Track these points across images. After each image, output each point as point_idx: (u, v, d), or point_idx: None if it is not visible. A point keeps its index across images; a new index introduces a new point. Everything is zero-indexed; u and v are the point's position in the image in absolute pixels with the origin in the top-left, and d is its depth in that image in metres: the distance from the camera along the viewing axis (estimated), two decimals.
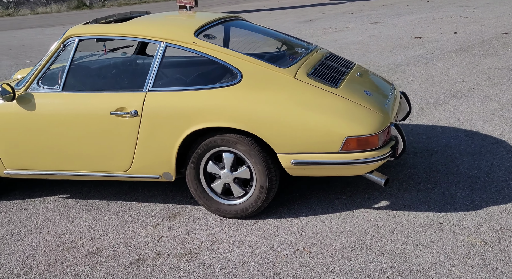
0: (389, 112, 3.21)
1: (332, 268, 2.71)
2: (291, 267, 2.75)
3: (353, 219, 3.19)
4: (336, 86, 3.19)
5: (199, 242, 3.09)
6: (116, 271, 2.87)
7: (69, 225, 3.49)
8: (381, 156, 3.00)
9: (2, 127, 3.57)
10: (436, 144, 4.24)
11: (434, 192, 3.42)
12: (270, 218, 3.30)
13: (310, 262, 2.78)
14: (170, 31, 3.32)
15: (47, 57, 3.49)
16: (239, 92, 3.12)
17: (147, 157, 3.30)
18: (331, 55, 3.78)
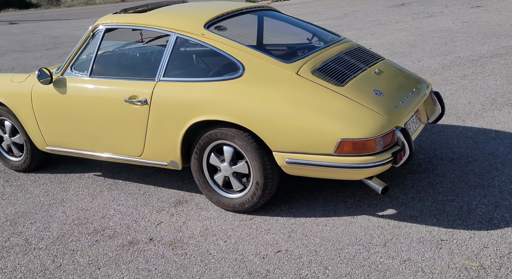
0: (399, 115, 2.97)
1: (305, 274, 2.62)
2: (265, 268, 2.70)
3: (349, 225, 3.03)
4: (341, 85, 3.02)
5: (192, 232, 3.15)
6: (108, 251, 3.03)
7: (90, 201, 3.73)
8: (379, 162, 2.81)
9: (43, 107, 3.88)
10: (480, 151, 3.85)
11: (452, 205, 3.13)
12: (268, 215, 3.25)
13: (286, 266, 2.70)
14: (180, 23, 3.35)
15: (79, 44, 3.71)
16: (239, 86, 3.08)
17: (156, 144, 3.41)
18: (355, 49, 3.57)
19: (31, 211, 3.66)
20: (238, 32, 3.75)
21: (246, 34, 3.89)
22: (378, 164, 2.81)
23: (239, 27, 3.79)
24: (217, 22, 3.41)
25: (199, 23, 3.29)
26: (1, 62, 10.36)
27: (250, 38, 4.05)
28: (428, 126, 4.51)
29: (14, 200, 3.88)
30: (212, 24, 3.36)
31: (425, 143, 4.15)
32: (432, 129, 4.44)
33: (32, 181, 4.23)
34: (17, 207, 3.75)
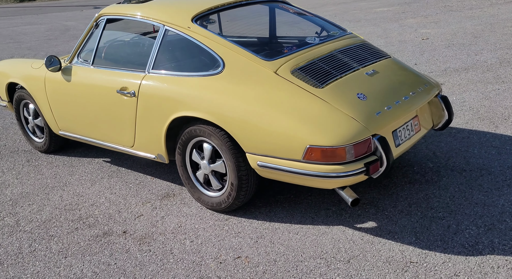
0: (381, 121, 2.73)
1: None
2: (217, 274, 2.62)
3: (321, 235, 2.86)
4: (321, 86, 2.82)
5: (165, 228, 3.12)
6: (81, 240, 3.09)
7: (88, 187, 3.82)
8: (348, 173, 2.60)
9: (54, 93, 4.02)
10: (500, 163, 3.48)
11: (439, 223, 2.85)
12: (245, 216, 3.15)
13: (239, 274, 2.61)
14: (169, 14, 3.29)
15: (84, 34, 3.78)
16: (218, 83, 2.98)
17: (144, 136, 3.40)
18: (355, 46, 3.31)
19: (34, 192, 3.81)
20: (231, 26, 3.63)
21: (240, 27, 3.75)
22: (347, 175, 2.60)
23: (236, 20, 3.66)
24: (209, 15, 3.31)
25: (187, 16, 3.21)
26: None
27: (242, 31, 3.92)
28: (453, 131, 4.14)
29: (26, 180, 4.07)
30: (202, 17, 3.26)
31: (442, 150, 3.81)
32: (457, 134, 4.07)
33: (48, 162, 4.41)
34: (25, 187, 3.93)
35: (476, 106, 4.68)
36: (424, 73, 6.01)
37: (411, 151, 3.84)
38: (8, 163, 4.47)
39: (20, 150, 4.80)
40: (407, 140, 2.98)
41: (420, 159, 3.69)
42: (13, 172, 4.25)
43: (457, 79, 5.69)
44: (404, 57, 7.02)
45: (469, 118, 4.40)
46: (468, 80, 5.60)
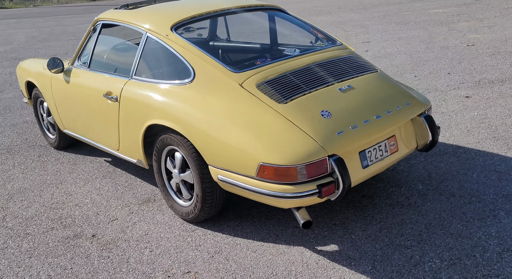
0: (342, 142, 2.59)
1: None
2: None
3: (278, 255, 2.77)
4: (284, 102, 2.72)
5: (132, 234, 3.14)
6: (50, 241, 3.16)
7: (79, 187, 3.92)
8: (298, 194, 2.49)
9: (58, 93, 4.16)
10: (495, 191, 3.24)
11: (403, 253, 2.67)
12: (212, 228, 3.11)
13: None
14: (150, 22, 3.28)
15: (83, 38, 3.88)
16: (187, 92, 2.96)
17: (125, 141, 3.44)
18: (338, 59, 3.16)
19: (31, 188, 3.96)
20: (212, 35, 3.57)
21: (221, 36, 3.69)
22: (298, 196, 2.49)
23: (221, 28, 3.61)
24: (190, 23, 3.27)
25: (167, 24, 3.20)
26: None
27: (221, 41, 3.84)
28: (460, 151, 3.87)
29: (29, 175, 4.24)
30: (183, 25, 3.24)
31: (439, 171, 3.57)
32: (462, 154, 3.81)
33: (56, 158, 4.57)
34: (26, 182, 4.09)
35: (495, 124, 4.36)
36: (448, 84, 5.69)
37: (406, 170, 3.63)
38: (21, 157, 4.68)
39: (37, 145, 5.00)
40: (378, 161, 2.82)
41: (412, 180, 3.48)
42: (21, 166, 4.44)
43: (487, 92, 5.32)
44: (439, 65, 6.67)
45: (483, 137, 4.09)
46: (499, 94, 5.23)
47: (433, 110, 4.90)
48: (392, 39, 9.01)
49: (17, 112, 6.24)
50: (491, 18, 10.28)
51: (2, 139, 5.23)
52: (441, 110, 4.89)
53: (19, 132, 5.42)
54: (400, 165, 3.75)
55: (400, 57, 7.43)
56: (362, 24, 11.14)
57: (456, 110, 4.85)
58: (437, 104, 5.08)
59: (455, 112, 4.80)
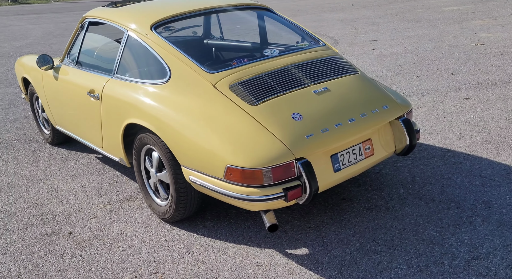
0: (311, 145, 2.56)
1: None
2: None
3: (248, 258, 2.75)
4: (256, 103, 2.70)
5: (108, 233, 3.16)
6: (28, 237, 3.19)
7: (66, 183, 3.96)
8: (264, 197, 2.47)
9: (49, 90, 4.21)
10: (476, 197, 3.17)
11: (372, 258, 2.64)
12: (187, 229, 3.11)
13: None
14: (132, 20, 3.28)
15: (72, 35, 3.90)
16: (163, 92, 2.95)
17: (107, 139, 3.46)
18: (318, 61, 3.11)
19: (19, 183, 4.01)
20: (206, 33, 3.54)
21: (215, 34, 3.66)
22: (264, 199, 2.47)
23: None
24: (171, 22, 3.26)
25: (147, 23, 3.19)
26: None
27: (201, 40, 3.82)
28: (449, 154, 3.80)
29: (20, 170, 4.29)
30: (163, 24, 3.23)
31: (424, 175, 3.51)
32: (450, 158, 3.74)
33: (49, 154, 4.62)
34: (15, 177, 4.15)
35: (490, 127, 4.26)
36: (450, 85, 5.58)
37: (391, 172, 3.58)
38: (16, 151, 4.74)
39: (34, 140, 5.06)
40: (352, 165, 2.77)
41: (395, 183, 3.42)
42: (14, 162, 4.50)
43: (488, 94, 5.21)
44: (444, 65, 6.55)
45: (474, 141, 4.01)
46: (500, 96, 5.12)
47: (429, 112, 4.82)
48: (401, 37, 8.88)
49: (20, 107, 6.32)
50: (506, 16, 10.07)
51: (1, 133, 5.31)
52: (437, 112, 4.80)
53: (19, 127, 5.50)
54: (386, 167, 3.69)
55: (406, 56, 7.32)
56: (373, 22, 11.01)
57: (453, 112, 4.75)
58: (434, 106, 4.99)
59: (451, 114, 4.71)
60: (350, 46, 8.45)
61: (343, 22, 11.42)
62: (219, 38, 4.42)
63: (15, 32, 14.57)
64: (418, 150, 3.94)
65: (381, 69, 6.69)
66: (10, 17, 20.05)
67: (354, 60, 7.31)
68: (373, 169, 3.67)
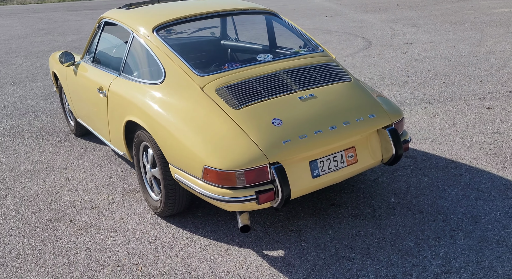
0: (287, 150, 2.63)
1: None
2: (105, 276, 2.77)
3: (225, 256, 2.86)
4: (238, 107, 2.79)
5: (105, 223, 3.35)
6: (33, 222, 3.43)
7: (80, 173, 4.20)
8: (236, 198, 2.57)
9: (71, 85, 4.47)
10: (466, 211, 3.14)
11: (343, 265, 2.68)
12: (177, 224, 3.25)
13: (119, 277, 2.73)
14: (137, 23, 3.44)
15: (90, 34, 4.13)
16: (157, 92, 3.10)
17: (113, 134, 3.66)
18: (311, 67, 3.15)
19: (39, 171, 4.28)
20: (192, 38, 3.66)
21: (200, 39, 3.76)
22: (236, 200, 2.57)
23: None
24: (173, 25, 3.40)
25: (149, 25, 3.34)
26: None
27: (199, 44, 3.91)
28: (452, 165, 3.75)
29: (43, 158, 4.58)
30: (165, 27, 3.37)
31: (419, 185, 3.49)
32: (452, 170, 3.69)
33: (71, 144, 4.90)
34: (37, 165, 4.43)
35: (503, 140, 4.16)
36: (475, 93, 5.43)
37: (387, 181, 3.58)
38: (44, 140, 5.05)
39: (62, 130, 5.37)
40: (332, 172, 2.81)
41: (387, 192, 3.42)
42: (40, 150, 4.80)
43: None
44: (475, 72, 6.39)
45: (483, 153, 3.93)
46: None
47: (445, 121, 4.73)
48: (439, 41, 8.68)
49: (57, 99, 6.68)
50: None
51: (35, 123, 5.65)
52: (454, 121, 4.71)
53: (52, 118, 5.83)
54: (384, 175, 3.69)
55: (438, 61, 7.16)
56: (415, 23, 10.78)
57: (469, 122, 4.65)
58: (452, 115, 4.89)
59: (467, 124, 4.61)
60: (383, 48, 8.34)
61: (383, 22, 11.24)
62: (235, 40, 4.53)
63: (71, 27, 15.25)
64: (422, 160, 3.90)
65: (408, 73, 6.59)
66: (70, 12, 20.97)
67: (383, 64, 7.23)
68: (369, 176, 3.68)
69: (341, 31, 10.41)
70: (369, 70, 6.93)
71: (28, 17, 18.71)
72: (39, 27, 15.20)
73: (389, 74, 6.61)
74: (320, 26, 11.39)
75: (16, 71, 8.72)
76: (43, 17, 18.55)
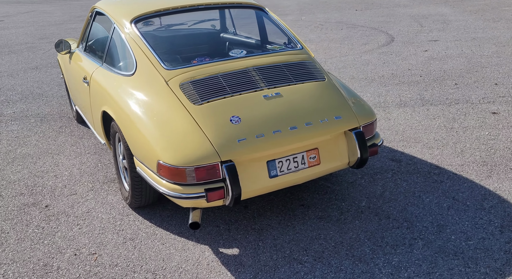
0: (240, 150, 2.61)
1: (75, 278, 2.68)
2: (59, 264, 2.82)
3: (180, 251, 2.87)
4: (198, 103, 2.78)
5: (77, 210, 3.41)
6: (11, 205, 3.51)
7: (69, 159, 4.29)
8: (186, 195, 2.57)
9: (66, 72, 4.57)
10: (433, 219, 3.04)
11: (292, 268, 2.65)
12: (144, 216, 3.28)
13: (75, 268, 2.77)
14: (118, 14, 3.45)
15: (84, 23, 4.20)
16: (127, 84, 3.13)
17: (95, 123, 3.72)
18: (284, 65, 3.09)
19: (32, 155, 4.39)
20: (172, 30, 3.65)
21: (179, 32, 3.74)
22: (186, 197, 2.57)
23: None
24: (152, 17, 3.40)
25: (129, 17, 3.36)
26: None
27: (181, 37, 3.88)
28: (436, 171, 3.63)
29: (40, 143, 4.70)
30: (144, 19, 3.37)
31: (396, 190, 3.40)
32: (433, 176, 3.58)
33: (71, 130, 5.01)
34: (33, 149, 4.56)
35: (497, 148, 3.99)
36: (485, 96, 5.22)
37: (364, 184, 3.50)
38: (47, 125, 5.18)
39: (66, 116, 5.50)
40: (292, 173, 2.77)
41: (360, 195, 3.35)
42: (40, 134, 4.93)
43: None
44: (492, 74, 6.14)
45: (471, 161, 3.78)
46: None
47: (443, 125, 4.58)
48: (465, 39, 8.37)
49: None
50: None
51: (44, 108, 5.81)
52: (453, 125, 4.55)
53: (62, 103, 5.98)
54: (363, 178, 3.60)
55: (457, 61, 6.91)
56: (445, 19, 10.43)
57: (468, 127, 4.48)
58: (453, 118, 4.72)
59: (466, 129, 4.44)
60: (404, 45, 8.11)
61: (412, 18, 10.92)
62: (232, 33, 4.49)
63: None
64: (406, 164, 3.79)
65: (421, 73, 6.39)
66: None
67: (399, 62, 7.03)
68: (347, 178, 3.60)
69: (366, 26, 10.19)
70: (382, 68, 6.76)
71: (70, 5, 19.19)
72: (77, 14, 15.57)
73: (401, 73, 6.43)
74: (347, 20, 11.18)
75: (43, 56, 8.98)
76: (84, 4, 18.98)
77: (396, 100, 5.33)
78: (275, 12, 12.93)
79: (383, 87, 5.82)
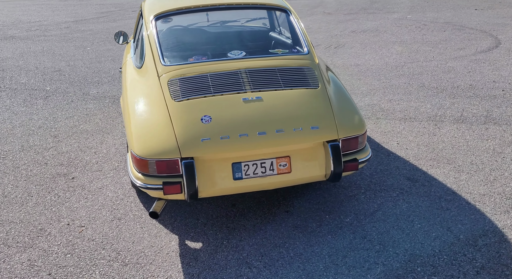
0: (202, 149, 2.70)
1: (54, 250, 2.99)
2: (50, 231, 3.16)
3: (151, 237, 3.06)
4: (178, 100, 2.92)
5: (93, 186, 3.75)
6: (48, 174, 3.96)
7: (116, 139, 4.69)
8: (146, 185, 2.75)
9: None
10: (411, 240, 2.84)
11: (238, 271, 2.70)
12: (142, 199, 3.52)
13: (60, 237, 3.08)
14: (147, 11, 3.67)
15: (137, 17, 4.54)
16: (136, 76, 3.38)
17: None
18: (279, 69, 3.08)
19: (89, 131, 4.84)
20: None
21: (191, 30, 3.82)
22: (145, 187, 2.75)
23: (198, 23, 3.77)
24: (175, 15, 3.57)
25: (152, 13, 3.59)
26: None
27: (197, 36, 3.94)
28: (448, 198, 3.37)
29: (102, 121, 5.18)
30: (165, 16, 3.57)
31: (390, 211, 3.25)
32: (441, 203, 3.32)
33: None
34: (92, 126, 5.04)
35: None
36: None
37: (363, 199, 3.37)
38: (115, 106, 5.69)
39: None
40: (258, 177, 2.79)
41: (350, 210, 3.25)
42: (105, 114, 5.43)
43: None
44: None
45: (497, 192, 3.45)
46: None
47: (493, 149, 4.15)
48: None
49: None
50: None
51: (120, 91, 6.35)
52: (504, 150, 4.11)
53: None
54: (365, 193, 3.46)
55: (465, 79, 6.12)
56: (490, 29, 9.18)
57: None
58: (510, 143, 4.26)
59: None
60: (508, 53, 7.35)
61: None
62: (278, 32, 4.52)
63: None
64: (421, 185, 3.54)
65: (504, 87, 5.77)
66: None
67: (488, 72, 6.41)
68: (349, 192, 3.48)
69: (476, 28, 9.36)
70: (464, 77, 6.23)
71: None
72: None
73: (482, 85, 5.88)
74: (457, 20, 10.36)
75: None
76: None
77: (456, 114, 4.92)
78: (382, 9, 12.43)
79: (450, 99, 5.40)
